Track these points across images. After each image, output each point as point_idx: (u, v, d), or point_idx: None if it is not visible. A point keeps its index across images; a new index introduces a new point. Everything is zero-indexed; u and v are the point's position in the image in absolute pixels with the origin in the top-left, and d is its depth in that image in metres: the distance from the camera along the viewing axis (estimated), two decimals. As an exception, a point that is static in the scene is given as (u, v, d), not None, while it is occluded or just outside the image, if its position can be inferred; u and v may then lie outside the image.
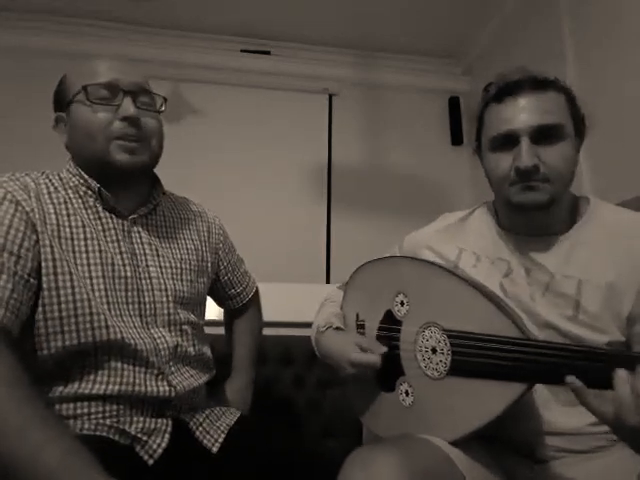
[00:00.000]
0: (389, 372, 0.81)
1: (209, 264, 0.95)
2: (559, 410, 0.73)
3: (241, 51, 2.34)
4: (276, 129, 2.31)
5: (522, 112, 0.75)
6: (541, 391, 0.73)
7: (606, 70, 1.47)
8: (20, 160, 2.00)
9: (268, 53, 2.36)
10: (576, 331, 0.72)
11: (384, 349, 0.80)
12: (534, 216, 0.79)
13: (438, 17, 2.16)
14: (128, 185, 0.80)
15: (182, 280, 0.85)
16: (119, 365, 0.72)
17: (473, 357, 0.67)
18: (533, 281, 0.78)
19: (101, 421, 0.70)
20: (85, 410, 0.70)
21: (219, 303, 1.10)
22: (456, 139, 2.44)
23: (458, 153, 2.43)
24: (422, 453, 0.66)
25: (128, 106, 0.74)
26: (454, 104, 2.48)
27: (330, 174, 2.32)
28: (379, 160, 2.38)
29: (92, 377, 0.70)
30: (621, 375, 0.54)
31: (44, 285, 0.68)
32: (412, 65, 2.48)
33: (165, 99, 0.83)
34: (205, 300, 0.96)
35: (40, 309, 0.68)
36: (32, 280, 0.67)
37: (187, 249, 0.89)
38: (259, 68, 2.33)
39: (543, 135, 0.74)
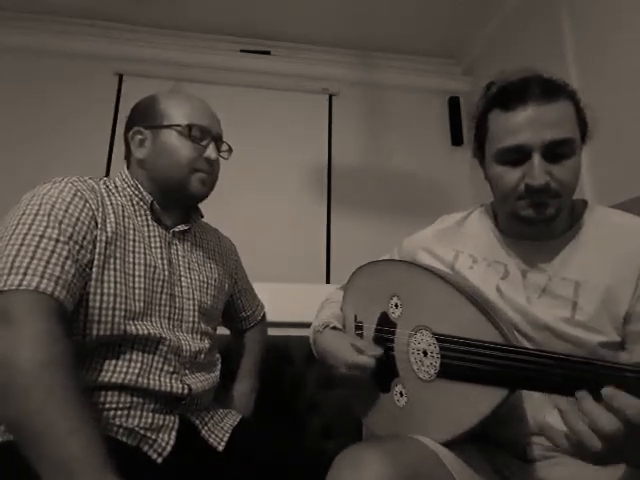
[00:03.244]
0: (385, 373, 0.82)
1: (226, 285, 1.03)
2: (550, 412, 0.73)
3: (241, 51, 2.35)
4: (276, 129, 2.31)
5: (533, 125, 0.71)
6: (533, 392, 0.73)
7: (606, 70, 1.47)
8: (20, 159, 2.01)
9: (268, 53, 2.36)
10: (572, 332, 0.72)
11: (379, 351, 0.80)
12: (539, 227, 0.78)
13: (438, 17, 2.17)
14: (181, 206, 0.93)
15: (207, 294, 0.93)
16: (139, 358, 0.77)
17: (459, 361, 0.68)
18: (529, 283, 0.78)
19: (112, 414, 0.73)
20: (101, 399, 0.73)
21: (228, 324, 1.16)
22: (456, 139, 2.44)
23: (458, 153, 2.43)
24: (411, 453, 0.66)
25: (212, 150, 0.89)
26: (454, 104, 2.48)
27: (330, 174, 2.32)
28: (379, 160, 2.38)
29: (112, 367, 0.74)
30: (582, 396, 0.52)
31: (93, 276, 0.74)
32: (412, 65, 2.48)
33: (231, 149, 0.98)
34: (220, 317, 1.04)
35: (84, 297, 0.73)
36: (87, 270, 0.73)
37: (211, 268, 0.97)
38: (259, 68, 2.33)
39: (554, 150, 0.71)
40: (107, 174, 2.06)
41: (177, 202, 0.91)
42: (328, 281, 2.16)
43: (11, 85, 2.12)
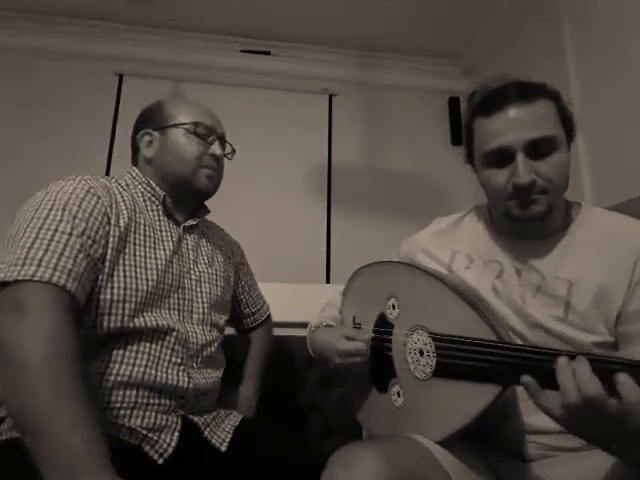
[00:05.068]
0: (383, 373, 0.83)
1: (231, 279, 1.07)
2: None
3: (241, 51, 2.35)
4: (276, 129, 2.31)
5: (513, 126, 0.73)
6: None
7: (606, 70, 1.47)
8: (20, 159, 2.01)
9: (268, 53, 2.37)
10: (565, 331, 0.73)
11: (368, 336, 0.83)
12: (531, 225, 0.79)
13: (438, 17, 2.17)
14: (190, 201, 0.96)
15: (216, 286, 0.96)
16: (147, 349, 0.78)
17: (454, 359, 0.69)
18: (524, 282, 0.79)
19: (115, 413, 0.73)
20: (105, 398, 0.73)
21: (233, 322, 1.16)
22: (456, 139, 2.44)
23: (458, 153, 2.40)
24: (406, 452, 0.67)
25: (217, 147, 0.94)
26: (454, 104, 2.48)
27: (330, 174, 2.32)
28: (379, 160, 2.38)
29: (119, 358, 0.75)
30: (562, 362, 0.54)
31: (105, 270, 0.76)
32: (412, 65, 2.48)
33: (234, 150, 1.04)
34: (229, 310, 1.05)
35: (96, 290, 0.75)
36: (99, 264, 0.75)
37: (218, 261, 1.01)
38: (259, 68, 2.34)
39: (537, 148, 0.73)
40: (107, 173, 2.06)
41: (185, 197, 0.94)
42: (328, 281, 2.17)
43: (11, 85, 2.12)
